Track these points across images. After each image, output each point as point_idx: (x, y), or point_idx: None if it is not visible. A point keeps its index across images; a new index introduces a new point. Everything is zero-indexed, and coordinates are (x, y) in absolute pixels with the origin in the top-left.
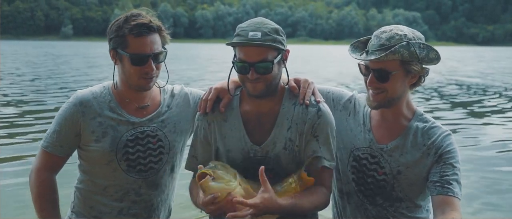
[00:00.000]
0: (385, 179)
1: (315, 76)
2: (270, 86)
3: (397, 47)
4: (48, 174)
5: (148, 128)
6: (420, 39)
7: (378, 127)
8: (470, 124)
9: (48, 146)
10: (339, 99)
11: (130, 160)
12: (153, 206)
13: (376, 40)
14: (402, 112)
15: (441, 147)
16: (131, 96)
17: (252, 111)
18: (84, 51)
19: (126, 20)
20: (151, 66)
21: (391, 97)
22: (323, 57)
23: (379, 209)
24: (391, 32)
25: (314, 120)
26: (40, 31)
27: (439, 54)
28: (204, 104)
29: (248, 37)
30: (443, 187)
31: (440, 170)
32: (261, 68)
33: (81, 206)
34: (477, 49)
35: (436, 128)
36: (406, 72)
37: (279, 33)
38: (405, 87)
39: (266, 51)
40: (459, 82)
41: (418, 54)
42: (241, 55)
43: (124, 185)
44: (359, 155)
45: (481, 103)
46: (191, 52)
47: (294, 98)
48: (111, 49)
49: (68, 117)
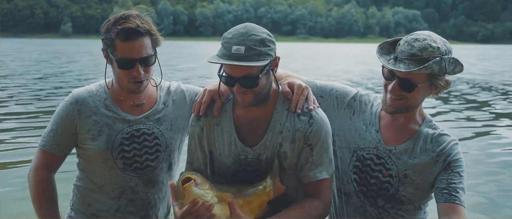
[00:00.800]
0: (389, 181)
1: (321, 73)
2: (260, 96)
3: (431, 63)
4: (46, 172)
5: (144, 126)
6: (450, 52)
7: (388, 128)
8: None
9: (46, 145)
10: (343, 97)
11: (126, 158)
12: (151, 204)
13: (408, 47)
14: (414, 117)
15: (450, 155)
16: (125, 94)
17: (245, 117)
18: (87, 49)
19: (115, 23)
20: (139, 70)
21: (410, 106)
22: (324, 54)
23: (379, 211)
24: (425, 42)
25: (306, 129)
26: (39, 29)
27: (463, 67)
28: (198, 106)
29: (231, 52)
30: (450, 194)
31: (448, 178)
32: (246, 83)
33: (80, 203)
34: (481, 47)
35: (445, 135)
36: (430, 85)
37: (266, 44)
38: (425, 97)
39: (249, 66)
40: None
41: (447, 69)
42: (226, 69)
43: (120, 183)
44: (363, 155)
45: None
46: (192, 50)
47: (288, 103)
48: (103, 49)
49: (64, 115)
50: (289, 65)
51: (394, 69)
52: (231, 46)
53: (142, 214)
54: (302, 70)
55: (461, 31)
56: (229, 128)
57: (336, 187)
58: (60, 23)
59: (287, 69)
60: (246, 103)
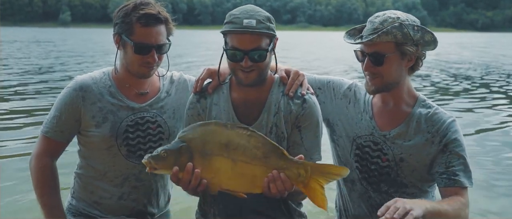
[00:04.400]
0: (388, 165)
1: (325, 62)
2: (262, 74)
3: (390, 27)
4: (48, 159)
5: (148, 113)
6: (414, 21)
7: (380, 114)
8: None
9: (48, 132)
10: (339, 88)
11: (131, 146)
12: (153, 191)
13: (370, 25)
14: (403, 98)
15: (446, 136)
16: (130, 82)
17: (241, 98)
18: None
19: (135, 8)
20: (154, 56)
21: (387, 82)
22: (324, 42)
23: (384, 196)
24: (384, 16)
25: (298, 111)
26: (38, 18)
27: (435, 37)
28: (196, 84)
29: (243, 24)
30: (449, 179)
31: (446, 161)
32: (256, 56)
33: (81, 191)
34: (484, 35)
35: (439, 114)
36: (401, 55)
37: (271, 21)
38: (402, 71)
39: (260, 38)
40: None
41: (412, 36)
42: (235, 43)
43: (124, 170)
44: (361, 143)
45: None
46: (191, 39)
47: (283, 87)
48: (115, 33)
49: (68, 102)
50: (290, 53)
51: (359, 43)
52: (242, 20)
53: (144, 202)
54: (307, 62)
55: (460, 19)
56: (227, 107)
57: None
58: (58, 12)
59: (288, 61)
60: (250, 80)
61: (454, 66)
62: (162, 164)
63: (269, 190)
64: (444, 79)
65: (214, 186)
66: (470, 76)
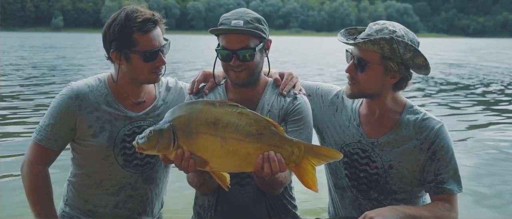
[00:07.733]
0: (377, 172)
1: (325, 66)
2: (253, 74)
3: (378, 38)
4: (41, 167)
5: (145, 122)
6: (411, 40)
7: (368, 121)
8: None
9: (42, 140)
10: (327, 94)
11: (127, 155)
12: (148, 200)
13: (367, 29)
14: (388, 107)
15: (434, 143)
16: (129, 91)
17: (236, 99)
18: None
19: (128, 18)
20: (162, 59)
21: (363, 90)
22: (317, 48)
23: (374, 204)
24: (383, 25)
25: (288, 107)
26: (30, 23)
27: (428, 63)
28: (192, 85)
29: (231, 25)
30: (437, 187)
31: (435, 169)
32: (243, 55)
33: (75, 199)
34: (474, 41)
35: (428, 120)
36: (385, 69)
37: (261, 23)
38: (383, 85)
39: (247, 38)
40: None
41: (401, 53)
42: (224, 43)
43: (120, 179)
44: (349, 151)
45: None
46: (184, 44)
47: (276, 89)
48: (113, 50)
49: (63, 110)
50: (282, 58)
51: (346, 43)
52: (231, 21)
53: (139, 210)
54: (301, 65)
55: (452, 25)
56: None
57: (332, 181)
58: (51, 16)
59: (280, 66)
60: (240, 80)
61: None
62: (147, 144)
63: (262, 170)
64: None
65: (203, 164)
66: (461, 79)
